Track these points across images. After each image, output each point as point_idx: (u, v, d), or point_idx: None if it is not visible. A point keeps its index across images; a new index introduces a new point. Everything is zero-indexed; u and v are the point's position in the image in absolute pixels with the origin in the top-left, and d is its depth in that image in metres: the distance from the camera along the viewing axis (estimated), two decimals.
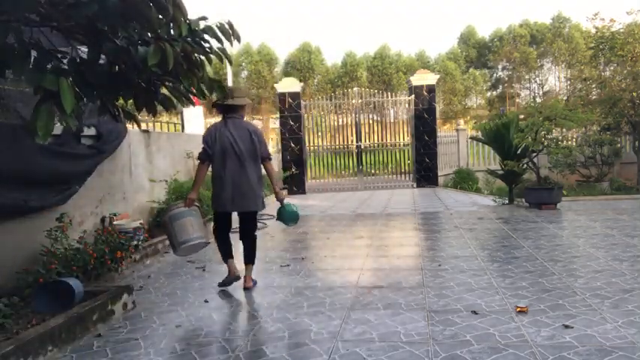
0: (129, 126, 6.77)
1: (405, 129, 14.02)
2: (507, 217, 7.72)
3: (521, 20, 31.65)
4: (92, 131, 5.56)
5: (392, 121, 14.12)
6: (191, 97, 3.63)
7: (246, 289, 4.34)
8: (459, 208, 8.98)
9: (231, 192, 4.21)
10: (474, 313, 3.46)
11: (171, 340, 3.25)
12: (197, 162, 4.36)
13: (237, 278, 4.38)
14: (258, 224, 7.96)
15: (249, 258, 4.43)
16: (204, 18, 3.24)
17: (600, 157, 12.88)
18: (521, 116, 10.80)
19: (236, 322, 3.51)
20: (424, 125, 13.47)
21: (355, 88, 14.14)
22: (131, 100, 3.53)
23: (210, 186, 7.80)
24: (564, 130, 12.94)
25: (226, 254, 4.42)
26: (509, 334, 3.07)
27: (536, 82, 30.01)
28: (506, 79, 30.83)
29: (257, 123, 27.35)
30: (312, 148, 14.03)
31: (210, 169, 4.36)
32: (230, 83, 18.30)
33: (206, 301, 4.06)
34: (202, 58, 3.39)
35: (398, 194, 12.20)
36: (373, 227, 7.35)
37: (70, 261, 4.28)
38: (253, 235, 4.48)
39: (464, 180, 13.60)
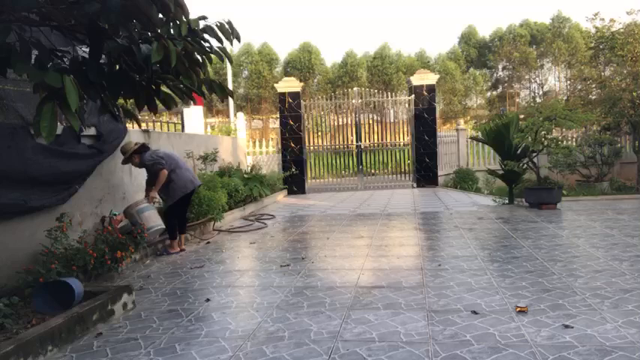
0: (129, 125, 6.77)
1: (405, 129, 14.01)
2: (507, 217, 7.72)
3: (521, 20, 31.61)
4: (92, 131, 5.56)
5: (392, 121, 14.10)
6: (193, 95, 3.63)
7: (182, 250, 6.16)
8: (459, 208, 8.98)
9: (190, 175, 6.22)
10: (474, 313, 3.46)
11: (172, 340, 3.25)
12: (161, 172, 5.85)
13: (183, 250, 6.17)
14: (258, 224, 8.00)
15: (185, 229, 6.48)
16: (204, 17, 3.24)
17: (600, 157, 12.88)
18: (521, 116, 10.81)
19: (236, 322, 3.51)
20: (424, 125, 13.47)
21: (355, 88, 14.12)
22: (132, 100, 3.53)
23: (209, 186, 7.83)
24: (564, 130, 12.99)
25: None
26: (509, 334, 3.07)
27: (536, 82, 29.98)
28: (506, 79, 30.79)
29: (257, 123, 27.38)
30: (312, 148, 14.03)
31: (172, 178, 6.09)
32: (230, 83, 18.31)
33: (207, 300, 4.06)
34: (203, 57, 3.40)
35: (398, 194, 12.20)
36: (373, 227, 7.35)
37: (70, 261, 4.28)
38: None
39: (464, 180, 13.60)
